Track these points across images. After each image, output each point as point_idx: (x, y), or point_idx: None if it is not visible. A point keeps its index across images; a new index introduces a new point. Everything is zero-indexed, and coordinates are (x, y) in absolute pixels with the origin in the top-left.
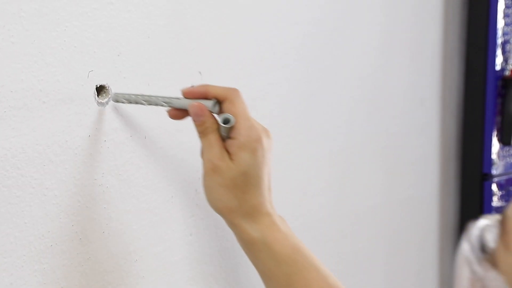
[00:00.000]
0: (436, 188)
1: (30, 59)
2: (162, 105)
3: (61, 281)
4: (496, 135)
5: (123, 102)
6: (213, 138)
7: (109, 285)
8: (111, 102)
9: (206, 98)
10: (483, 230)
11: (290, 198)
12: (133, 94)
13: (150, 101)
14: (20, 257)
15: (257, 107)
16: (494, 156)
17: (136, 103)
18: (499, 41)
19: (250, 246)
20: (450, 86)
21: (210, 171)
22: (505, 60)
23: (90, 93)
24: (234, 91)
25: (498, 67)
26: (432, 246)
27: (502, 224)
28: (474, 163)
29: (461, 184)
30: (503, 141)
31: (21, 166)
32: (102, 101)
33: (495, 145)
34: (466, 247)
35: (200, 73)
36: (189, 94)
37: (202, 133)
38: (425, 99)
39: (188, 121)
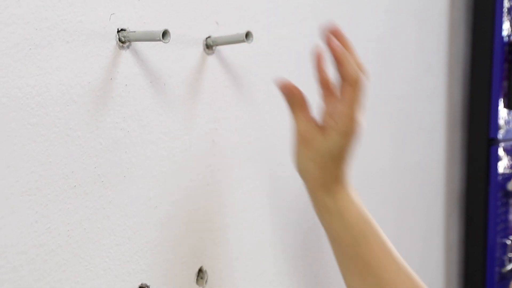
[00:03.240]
0: (443, 153)
1: None
2: None
3: (84, 222)
4: (503, 100)
5: None
6: (300, 113)
7: (130, 229)
8: (132, 46)
9: None
10: None
11: None
12: None
13: None
14: (45, 195)
15: (271, 61)
16: (500, 121)
17: None
18: (506, 6)
19: (324, 212)
20: (456, 52)
21: (300, 144)
22: None
23: (112, 36)
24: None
25: (505, 33)
26: (439, 210)
27: None
28: (480, 128)
29: (468, 149)
30: (509, 106)
31: (46, 105)
32: (124, 45)
33: (502, 110)
34: None
35: (217, 23)
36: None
37: (291, 107)
38: (432, 65)
39: (206, 73)
